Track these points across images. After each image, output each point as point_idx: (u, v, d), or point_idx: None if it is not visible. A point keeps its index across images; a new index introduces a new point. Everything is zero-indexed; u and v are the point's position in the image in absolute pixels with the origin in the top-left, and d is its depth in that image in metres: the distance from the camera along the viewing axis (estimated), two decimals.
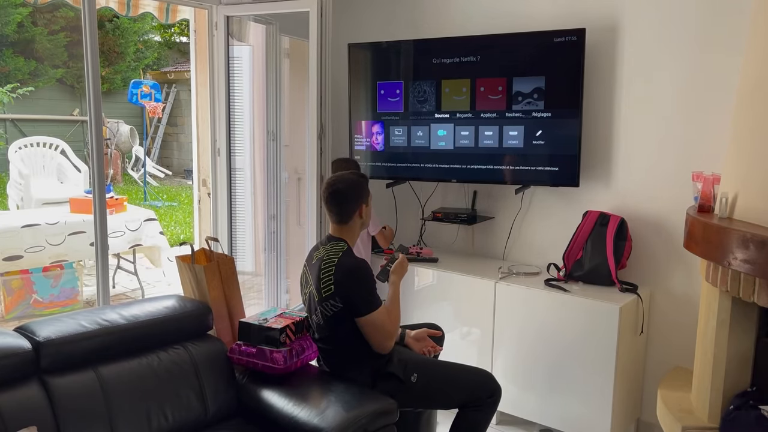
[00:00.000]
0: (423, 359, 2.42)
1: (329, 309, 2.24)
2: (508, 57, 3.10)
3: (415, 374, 2.29)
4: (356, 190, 2.29)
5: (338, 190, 2.27)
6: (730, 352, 2.28)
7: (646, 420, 2.99)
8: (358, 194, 2.29)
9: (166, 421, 2.09)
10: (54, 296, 4.24)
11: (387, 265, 2.38)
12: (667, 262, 2.89)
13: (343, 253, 2.24)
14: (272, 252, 3.85)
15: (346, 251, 2.25)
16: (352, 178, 2.32)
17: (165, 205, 8.89)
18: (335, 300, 2.21)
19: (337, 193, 2.27)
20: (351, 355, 2.29)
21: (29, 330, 2.02)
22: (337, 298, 2.20)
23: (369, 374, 2.27)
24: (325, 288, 2.22)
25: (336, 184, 2.29)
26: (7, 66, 9.75)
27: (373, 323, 2.19)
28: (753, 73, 2.20)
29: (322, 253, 2.29)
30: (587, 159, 3.04)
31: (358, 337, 2.24)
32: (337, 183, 2.29)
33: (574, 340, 2.75)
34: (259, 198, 3.94)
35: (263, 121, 3.81)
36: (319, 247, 2.35)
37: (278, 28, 3.67)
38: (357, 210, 2.30)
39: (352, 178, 2.32)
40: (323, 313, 2.27)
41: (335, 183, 2.29)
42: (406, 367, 2.30)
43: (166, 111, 11.67)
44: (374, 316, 2.19)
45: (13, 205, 6.45)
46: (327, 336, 2.31)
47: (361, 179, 2.34)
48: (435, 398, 2.35)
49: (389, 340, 2.24)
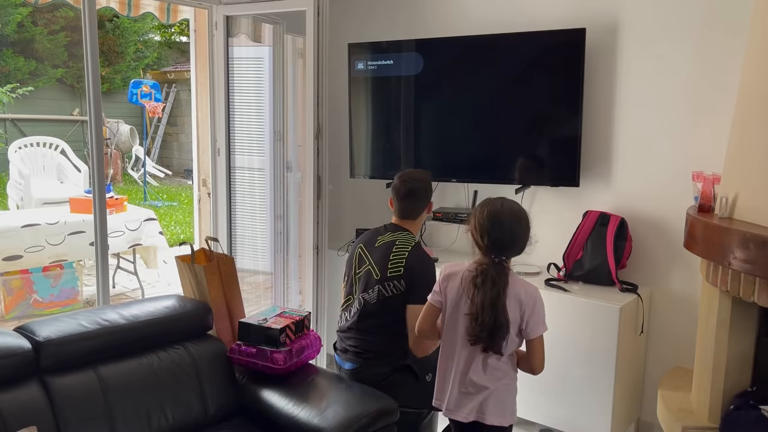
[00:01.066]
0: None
1: (390, 289, 2.31)
2: (508, 57, 3.10)
3: (430, 374, 2.31)
4: (428, 188, 2.47)
5: (414, 189, 2.42)
6: (730, 352, 2.28)
7: (646, 420, 2.99)
8: (429, 192, 2.47)
9: (166, 421, 2.09)
10: (54, 296, 4.24)
11: None
12: (667, 262, 2.89)
13: (416, 244, 2.37)
14: (279, 252, 3.85)
15: (418, 243, 2.39)
16: (423, 176, 2.49)
17: (165, 205, 8.89)
18: (400, 282, 2.29)
19: (414, 192, 2.41)
20: (385, 340, 2.32)
21: (29, 330, 2.02)
22: (402, 281, 2.28)
23: (389, 364, 2.31)
24: (393, 269, 2.30)
25: (412, 182, 2.42)
26: (7, 66, 9.75)
27: (418, 314, 2.22)
28: (753, 73, 2.20)
29: (391, 239, 2.38)
30: (587, 159, 3.04)
31: (401, 324, 2.28)
32: (412, 181, 2.43)
33: (575, 340, 2.75)
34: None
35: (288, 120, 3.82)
36: (384, 233, 2.43)
37: (284, 27, 3.68)
38: (425, 207, 2.45)
39: (423, 177, 2.48)
40: (380, 292, 2.32)
41: (411, 181, 2.42)
42: (422, 365, 2.34)
43: (166, 111, 11.67)
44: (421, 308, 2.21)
45: (13, 205, 6.45)
46: (372, 313, 2.34)
47: (429, 177, 2.52)
48: None
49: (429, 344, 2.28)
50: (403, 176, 2.45)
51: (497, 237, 1.91)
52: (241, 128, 3.72)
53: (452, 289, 1.99)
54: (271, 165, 3.80)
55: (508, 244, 1.93)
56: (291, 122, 3.86)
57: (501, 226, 1.91)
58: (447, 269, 2.05)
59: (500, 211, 1.93)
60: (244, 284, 3.77)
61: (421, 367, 2.33)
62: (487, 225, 1.91)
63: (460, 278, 1.98)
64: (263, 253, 3.93)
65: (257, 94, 3.79)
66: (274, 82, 3.73)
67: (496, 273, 1.89)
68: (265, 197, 3.85)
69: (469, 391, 1.96)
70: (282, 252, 3.87)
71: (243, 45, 3.70)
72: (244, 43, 3.70)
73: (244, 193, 3.81)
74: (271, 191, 3.81)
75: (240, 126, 3.71)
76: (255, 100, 3.78)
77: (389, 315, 2.31)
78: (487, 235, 1.90)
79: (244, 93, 3.73)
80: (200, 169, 4.70)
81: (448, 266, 2.06)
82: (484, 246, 1.92)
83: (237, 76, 3.65)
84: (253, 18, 3.62)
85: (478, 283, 1.89)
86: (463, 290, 1.95)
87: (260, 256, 3.94)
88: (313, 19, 3.07)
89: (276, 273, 3.87)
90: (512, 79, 3.11)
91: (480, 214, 1.94)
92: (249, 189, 3.84)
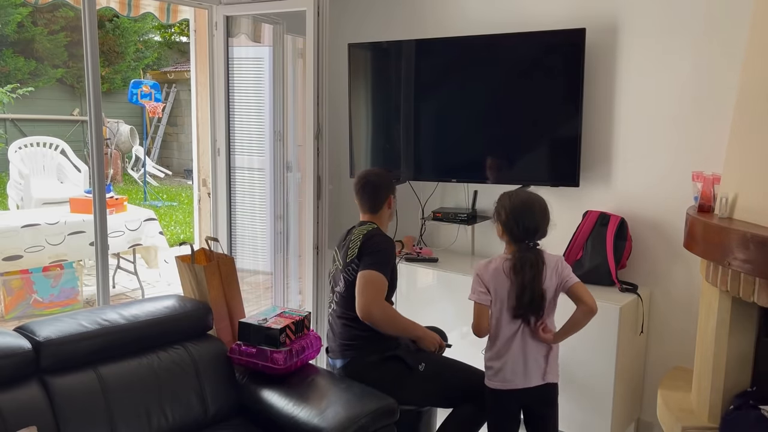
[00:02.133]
0: (431, 354, 2.46)
1: (351, 273, 2.36)
2: (508, 57, 3.10)
3: (423, 363, 2.34)
4: (386, 182, 2.54)
5: (370, 182, 2.51)
6: (730, 352, 2.28)
7: (646, 420, 2.99)
8: (388, 186, 2.54)
9: (166, 421, 2.09)
10: (54, 296, 4.24)
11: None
12: (667, 262, 2.89)
13: (374, 229, 2.43)
14: (279, 252, 3.85)
15: (377, 228, 2.45)
16: (380, 172, 2.61)
17: (165, 205, 8.89)
18: (356, 263, 2.35)
19: (369, 184, 2.50)
20: (365, 326, 2.33)
21: (29, 330, 2.02)
22: (356, 260, 2.35)
23: (377, 351, 2.34)
24: (350, 254, 2.38)
25: (368, 176, 2.54)
26: (7, 66, 9.75)
27: (368, 277, 2.29)
28: (753, 73, 2.20)
29: (354, 233, 2.44)
30: (587, 159, 3.04)
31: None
32: (369, 175, 2.54)
33: (574, 340, 2.74)
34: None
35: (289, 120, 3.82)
36: (352, 230, 2.48)
37: (284, 27, 3.68)
38: (386, 200, 2.51)
39: (381, 172, 2.60)
40: (346, 279, 2.38)
41: (368, 175, 2.54)
42: (414, 354, 2.37)
43: (166, 111, 11.66)
44: (371, 273, 2.29)
45: (13, 205, 6.45)
46: (346, 304, 2.38)
47: (388, 173, 2.63)
48: (438, 392, 2.38)
49: (371, 306, 2.27)
50: (359, 173, 2.60)
51: (530, 224, 2.12)
52: (241, 128, 3.72)
53: (496, 283, 2.15)
54: (271, 165, 3.80)
55: (539, 229, 2.14)
56: (291, 122, 3.86)
57: (533, 213, 2.13)
58: (482, 270, 2.19)
59: (527, 200, 2.16)
60: (244, 284, 3.77)
61: (411, 356, 2.35)
62: (519, 214, 2.12)
63: (501, 271, 2.15)
64: (263, 253, 3.93)
65: (257, 94, 3.79)
66: (274, 82, 3.73)
67: (535, 257, 2.11)
68: (265, 197, 3.85)
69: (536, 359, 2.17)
70: (282, 252, 3.87)
71: (243, 45, 3.69)
72: (244, 43, 3.70)
73: (244, 193, 3.81)
74: (271, 191, 3.81)
75: (240, 126, 3.71)
76: (255, 100, 3.78)
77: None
78: (521, 223, 2.12)
79: (244, 93, 3.73)
80: (200, 169, 4.70)
81: (482, 268, 2.20)
82: (518, 234, 2.12)
83: (237, 76, 3.65)
84: (253, 18, 3.62)
85: (519, 268, 2.10)
86: (507, 279, 2.13)
87: (260, 256, 3.94)
88: (313, 19, 3.07)
89: (276, 273, 3.87)
90: (512, 80, 3.11)
91: (509, 206, 2.15)
92: (249, 189, 3.84)
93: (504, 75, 3.13)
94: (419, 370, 2.34)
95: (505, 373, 2.17)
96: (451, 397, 2.38)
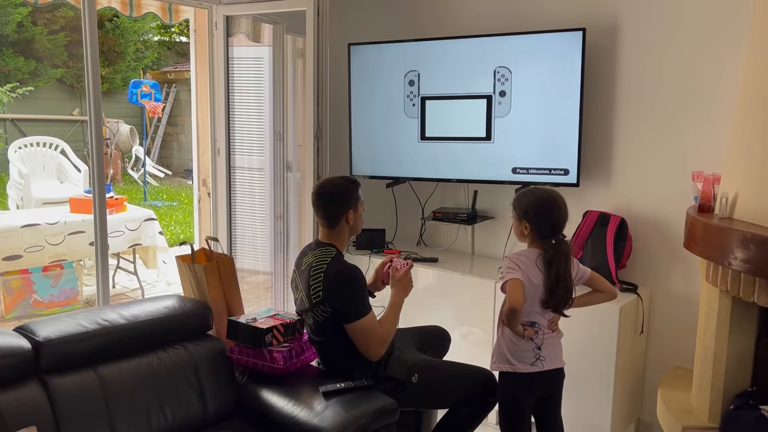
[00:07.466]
0: (424, 359, 2.41)
1: (320, 315, 2.23)
2: (508, 57, 3.10)
3: (416, 375, 2.29)
4: (343, 194, 2.27)
5: (325, 194, 2.27)
6: (730, 351, 2.28)
7: (646, 420, 2.99)
8: (346, 199, 2.27)
9: (166, 421, 2.09)
10: (54, 296, 4.24)
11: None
12: (667, 262, 2.89)
13: (332, 259, 2.21)
14: (279, 252, 3.85)
15: (335, 257, 2.22)
16: (339, 182, 2.30)
17: (165, 205, 8.89)
18: (325, 306, 2.20)
19: (323, 197, 2.27)
20: (346, 360, 2.27)
21: (29, 330, 2.02)
22: (326, 303, 2.19)
23: (368, 377, 2.25)
24: (314, 294, 2.20)
25: (323, 187, 2.29)
26: (7, 66, 9.75)
27: (361, 330, 2.17)
28: (753, 73, 2.20)
29: (311, 259, 2.25)
30: (587, 159, 3.04)
31: (350, 342, 2.22)
32: (324, 186, 2.29)
33: (574, 340, 2.74)
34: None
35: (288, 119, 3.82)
36: (308, 253, 2.32)
37: (284, 27, 3.68)
38: (344, 215, 2.27)
39: (339, 183, 2.30)
40: (315, 319, 2.26)
41: (322, 186, 2.30)
42: (406, 369, 2.30)
43: (166, 111, 11.66)
44: (362, 323, 2.16)
45: (13, 204, 6.45)
46: (322, 340, 2.31)
47: (350, 184, 2.30)
48: (436, 397, 2.36)
49: (379, 348, 2.21)
50: (317, 183, 2.34)
51: (557, 218, 2.18)
52: (241, 128, 3.73)
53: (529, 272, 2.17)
54: (271, 165, 3.80)
55: (564, 222, 2.20)
56: (291, 122, 3.86)
57: (558, 207, 2.18)
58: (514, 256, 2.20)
59: (549, 196, 2.21)
60: (244, 284, 3.77)
61: (403, 372, 2.28)
62: (546, 210, 2.18)
63: (534, 263, 2.17)
64: (263, 253, 3.93)
65: (257, 94, 3.79)
66: (274, 82, 3.73)
67: (567, 249, 2.18)
68: (265, 197, 3.85)
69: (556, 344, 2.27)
70: (282, 252, 3.87)
71: (243, 45, 3.70)
72: (244, 43, 3.70)
73: (244, 193, 3.82)
74: (271, 191, 3.81)
75: (240, 126, 3.71)
76: (255, 100, 3.78)
77: (335, 337, 2.23)
78: (550, 219, 2.17)
79: (244, 93, 3.73)
80: (200, 169, 4.70)
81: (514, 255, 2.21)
82: (548, 229, 2.17)
83: (237, 76, 3.65)
84: (253, 18, 3.63)
85: (556, 260, 2.15)
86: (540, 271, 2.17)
87: (260, 256, 3.94)
88: (313, 19, 3.07)
89: (276, 273, 3.87)
90: (512, 79, 3.10)
91: (534, 203, 2.19)
92: (249, 189, 3.84)
93: (504, 75, 3.12)
94: (413, 382, 2.27)
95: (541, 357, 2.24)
96: (450, 399, 2.37)
